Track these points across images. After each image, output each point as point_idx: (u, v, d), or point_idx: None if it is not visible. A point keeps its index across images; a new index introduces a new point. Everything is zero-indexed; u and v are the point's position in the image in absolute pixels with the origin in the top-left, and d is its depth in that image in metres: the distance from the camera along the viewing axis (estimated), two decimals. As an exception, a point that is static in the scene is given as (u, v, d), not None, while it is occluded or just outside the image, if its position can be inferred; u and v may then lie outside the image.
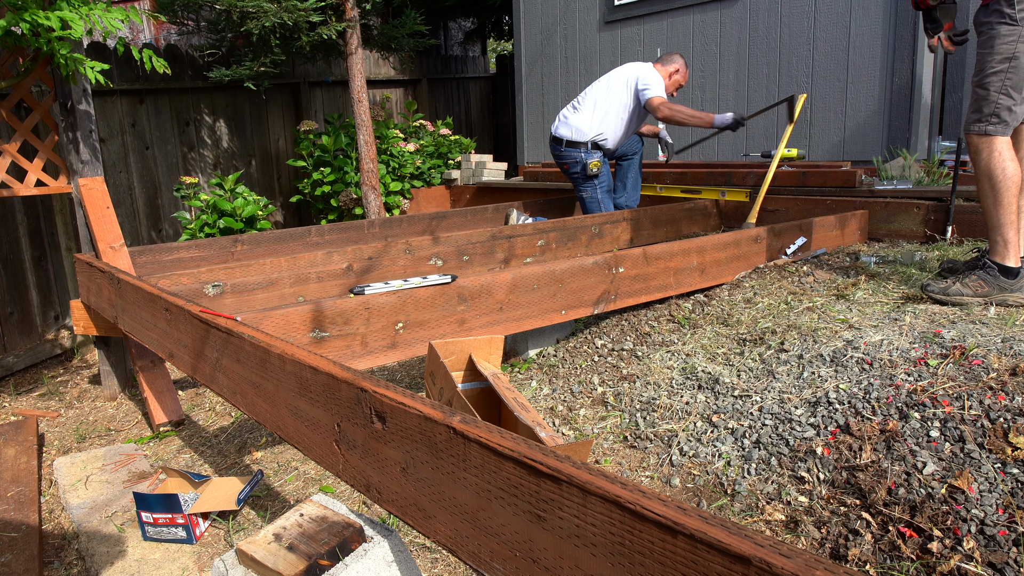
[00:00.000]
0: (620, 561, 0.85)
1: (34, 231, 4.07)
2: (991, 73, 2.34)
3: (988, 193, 2.39)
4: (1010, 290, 2.36)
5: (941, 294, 2.40)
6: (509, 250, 3.49)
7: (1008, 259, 2.38)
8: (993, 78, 2.34)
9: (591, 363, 2.58)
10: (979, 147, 2.38)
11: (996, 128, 2.35)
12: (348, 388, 1.29)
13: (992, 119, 2.36)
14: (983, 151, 2.38)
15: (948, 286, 2.40)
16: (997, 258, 2.40)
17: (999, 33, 2.31)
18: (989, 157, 2.37)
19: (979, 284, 2.37)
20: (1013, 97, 2.34)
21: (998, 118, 2.35)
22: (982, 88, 2.36)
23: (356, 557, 1.24)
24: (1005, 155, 2.36)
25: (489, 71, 9.59)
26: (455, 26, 10.53)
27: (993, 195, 2.38)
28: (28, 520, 2.16)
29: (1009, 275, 2.37)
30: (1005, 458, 1.51)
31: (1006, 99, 2.34)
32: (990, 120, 2.36)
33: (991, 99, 2.35)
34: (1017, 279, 2.37)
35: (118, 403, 3.21)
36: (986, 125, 2.36)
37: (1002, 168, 2.36)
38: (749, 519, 1.61)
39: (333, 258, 2.98)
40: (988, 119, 2.36)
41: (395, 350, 2.21)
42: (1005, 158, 2.36)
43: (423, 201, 6.27)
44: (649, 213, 4.06)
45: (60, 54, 2.80)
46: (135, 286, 2.35)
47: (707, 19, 5.31)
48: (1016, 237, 2.41)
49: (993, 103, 2.35)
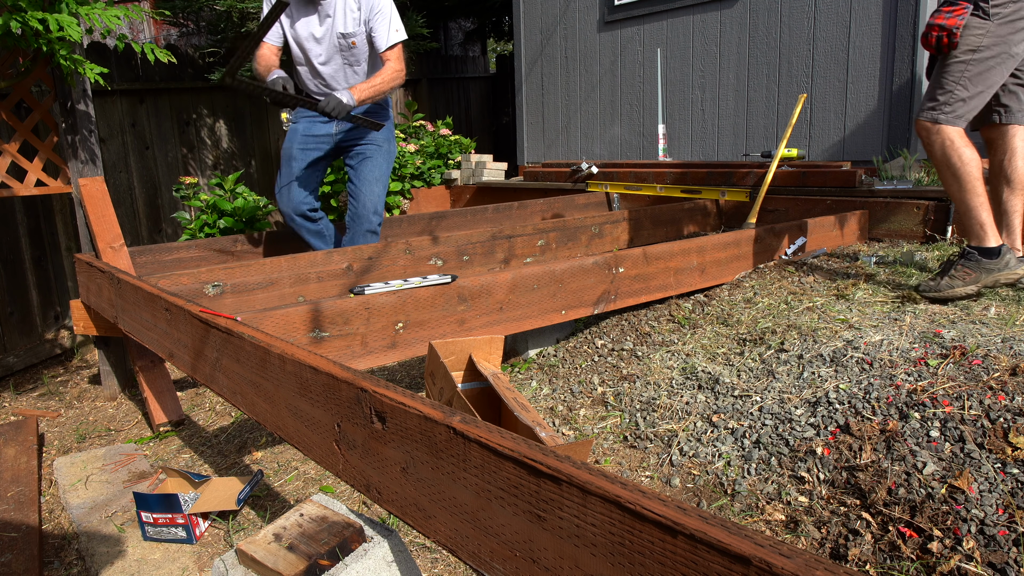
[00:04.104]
0: (620, 561, 0.85)
1: (34, 231, 4.07)
2: (953, 62, 2.35)
3: (952, 182, 2.40)
4: (996, 269, 2.35)
5: (935, 291, 2.40)
6: (509, 250, 3.49)
7: (987, 240, 2.38)
8: (954, 66, 2.35)
9: (591, 363, 2.58)
10: (931, 136, 2.39)
11: (947, 117, 2.36)
12: (348, 388, 1.29)
13: (944, 107, 2.36)
14: (935, 141, 2.39)
15: (939, 283, 2.40)
16: (975, 242, 2.40)
17: (969, 24, 2.32)
18: (943, 147, 2.38)
19: (965, 272, 2.37)
20: (968, 89, 2.35)
21: (950, 107, 2.36)
22: (942, 76, 2.37)
23: (356, 557, 1.24)
24: (958, 142, 2.37)
25: (489, 71, 9.59)
26: (455, 26, 10.53)
27: (957, 182, 2.38)
28: (28, 520, 2.16)
29: (991, 255, 2.36)
30: (1005, 458, 1.51)
31: (961, 90, 2.35)
32: (942, 108, 2.37)
33: (947, 87, 2.36)
34: (1000, 257, 2.36)
35: (118, 403, 3.21)
36: (937, 113, 2.37)
37: (959, 155, 2.36)
38: (749, 519, 1.61)
39: (333, 258, 2.98)
40: (941, 107, 2.37)
41: (395, 350, 2.21)
42: (959, 145, 2.36)
43: (423, 201, 6.27)
44: (649, 213, 4.06)
45: (60, 54, 2.80)
46: (135, 286, 2.35)
47: (707, 19, 5.31)
48: (990, 217, 2.40)
49: (949, 92, 2.36)
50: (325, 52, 3.29)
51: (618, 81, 6.02)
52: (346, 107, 3.10)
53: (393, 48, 3.28)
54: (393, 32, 3.26)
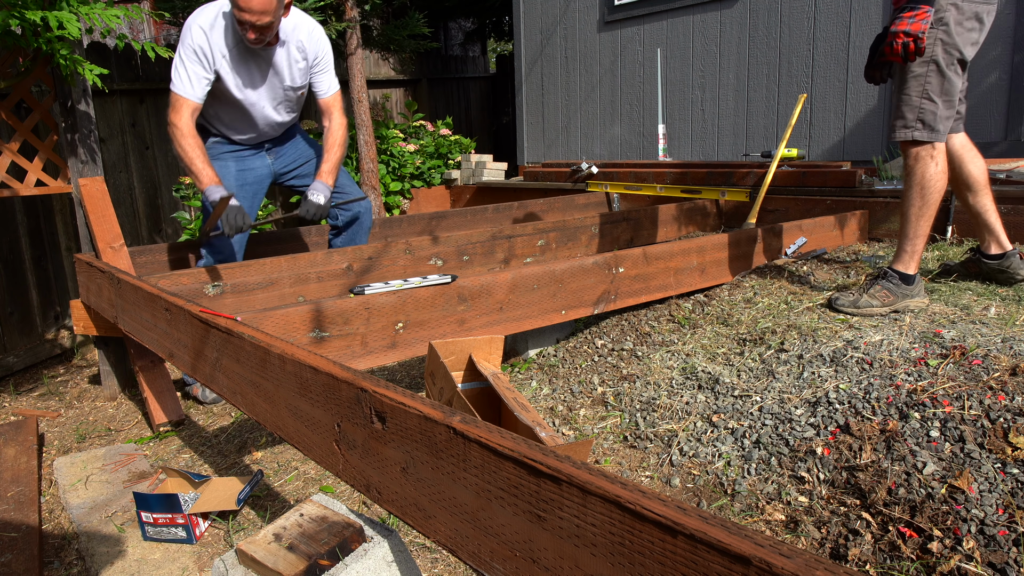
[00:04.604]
0: (620, 561, 0.85)
1: (34, 231, 4.07)
2: (911, 77, 2.33)
3: (916, 202, 2.38)
4: (910, 296, 2.41)
5: (852, 307, 2.42)
6: (509, 250, 3.49)
7: (910, 268, 2.42)
8: (913, 83, 2.33)
9: (591, 363, 2.58)
10: (911, 155, 2.37)
11: (923, 134, 2.33)
12: (348, 388, 1.29)
13: (917, 125, 2.33)
14: (918, 162, 2.36)
15: (857, 299, 2.42)
16: (900, 267, 2.42)
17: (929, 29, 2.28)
18: (924, 168, 2.35)
19: (885, 294, 2.40)
20: (935, 102, 2.31)
21: (923, 123, 2.33)
22: (904, 94, 2.35)
23: (356, 557, 1.24)
24: (938, 166, 2.34)
25: (489, 71, 9.59)
26: (455, 26, 10.54)
27: (920, 205, 2.38)
28: (28, 520, 2.16)
29: (908, 282, 2.41)
30: (1005, 458, 1.51)
31: (929, 104, 2.32)
32: (915, 127, 2.34)
33: (913, 104, 2.33)
34: (914, 284, 2.41)
35: (118, 403, 3.21)
36: (912, 131, 2.34)
37: (935, 181, 2.35)
38: (749, 519, 1.61)
39: (333, 258, 2.98)
40: (914, 125, 2.34)
41: (395, 350, 2.21)
42: (937, 170, 2.34)
43: (423, 201, 6.27)
44: (649, 213, 4.06)
45: (60, 54, 2.80)
46: (135, 286, 2.35)
47: (707, 19, 5.31)
48: (922, 248, 2.43)
49: (916, 108, 2.33)
50: (266, 103, 2.99)
51: (618, 81, 6.02)
52: (328, 203, 2.95)
53: (334, 94, 3.09)
54: (334, 79, 3.09)
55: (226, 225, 2.68)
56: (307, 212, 2.88)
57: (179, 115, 2.77)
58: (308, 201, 2.90)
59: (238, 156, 3.11)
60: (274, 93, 2.99)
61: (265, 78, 2.92)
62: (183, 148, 2.77)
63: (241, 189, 3.07)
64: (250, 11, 2.59)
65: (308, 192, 2.94)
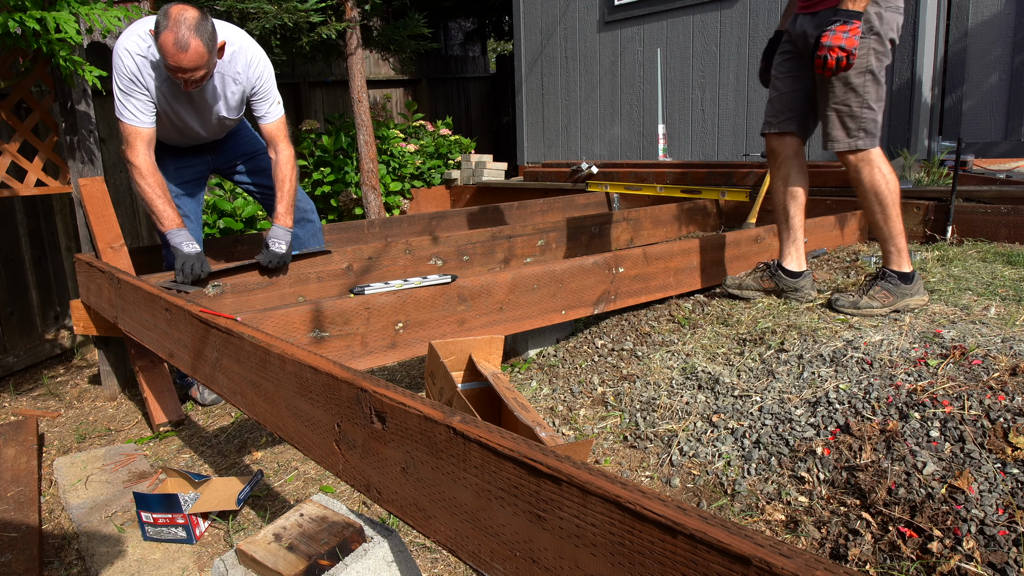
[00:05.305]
0: (620, 561, 0.85)
1: (34, 231, 4.07)
2: (849, 89, 2.36)
3: (876, 208, 2.43)
4: (910, 294, 2.42)
5: (852, 308, 2.43)
6: (509, 250, 3.49)
7: (903, 265, 2.44)
8: (852, 94, 2.36)
9: (591, 363, 2.58)
10: (857, 165, 2.41)
11: (866, 142, 2.38)
12: (348, 388, 1.29)
13: (860, 134, 2.38)
14: (863, 168, 2.40)
15: (858, 300, 2.43)
16: (894, 266, 2.45)
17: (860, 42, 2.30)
18: (871, 173, 2.40)
19: (884, 295, 2.41)
20: (874, 109, 2.36)
21: (866, 132, 2.37)
22: (843, 106, 2.37)
23: (356, 557, 1.24)
24: (884, 168, 2.40)
25: (489, 71, 9.59)
26: (455, 26, 10.54)
27: (881, 209, 2.42)
28: (28, 520, 2.16)
29: (906, 280, 2.42)
30: (1005, 458, 1.51)
31: (869, 112, 2.36)
32: (859, 136, 2.38)
33: (855, 114, 2.36)
34: (913, 282, 2.43)
35: (118, 403, 3.21)
36: (856, 141, 2.38)
37: (885, 182, 2.40)
38: (749, 519, 1.61)
39: (333, 258, 2.98)
40: (857, 135, 2.38)
41: (395, 350, 2.21)
42: (884, 171, 2.40)
43: (423, 201, 6.27)
44: (649, 213, 4.06)
45: (59, 55, 2.80)
46: (135, 286, 2.35)
47: (707, 19, 5.31)
48: (906, 243, 2.46)
49: (858, 118, 2.36)
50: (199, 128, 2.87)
51: (618, 81, 6.02)
52: (289, 251, 2.81)
53: (276, 121, 2.90)
54: (275, 106, 2.89)
55: (181, 274, 2.60)
56: (269, 261, 2.74)
57: (135, 151, 2.63)
58: (269, 251, 2.76)
59: (175, 155, 2.98)
60: (208, 119, 2.87)
61: (198, 109, 2.80)
62: (142, 188, 2.65)
63: (180, 188, 2.98)
64: (181, 69, 2.47)
65: (268, 240, 2.79)
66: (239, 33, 2.78)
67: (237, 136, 3.14)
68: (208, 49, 2.48)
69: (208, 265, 2.67)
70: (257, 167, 3.16)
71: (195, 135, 2.92)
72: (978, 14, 4.25)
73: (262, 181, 3.16)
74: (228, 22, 2.82)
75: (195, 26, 2.43)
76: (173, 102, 2.73)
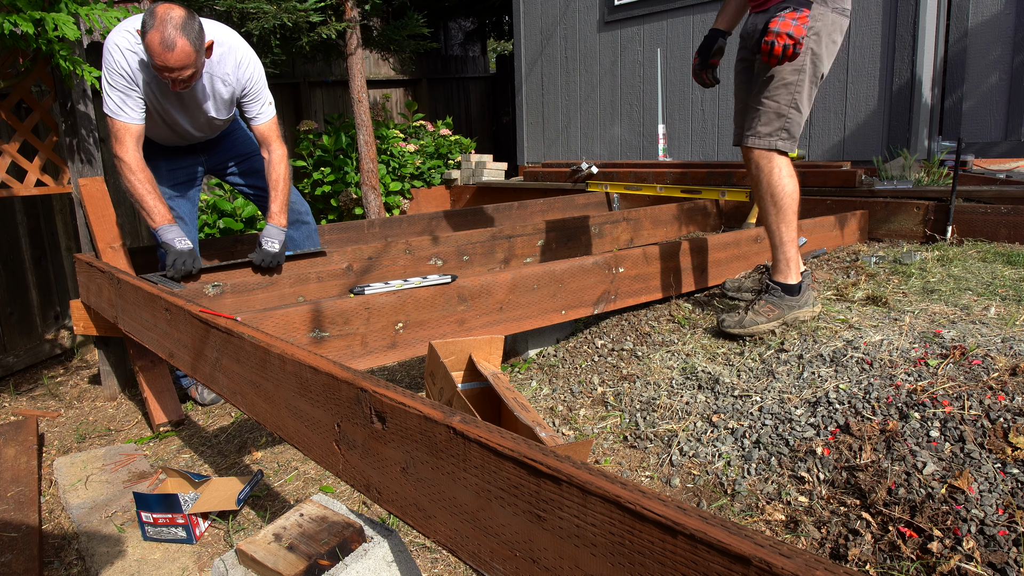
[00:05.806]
0: (620, 561, 0.85)
1: (34, 231, 4.07)
2: (781, 84, 2.26)
3: (771, 211, 2.33)
4: (798, 306, 2.34)
5: (738, 327, 2.35)
6: (509, 250, 3.49)
7: (790, 277, 2.35)
8: (783, 90, 2.26)
9: (591, 363, 2.58)
10: (761, 163, 2.31)
11: (785, 144, 2.29)
12: (348, 388, 1.29)
13: (782, 134, 2.28)
14: (765, 168, 2.31)
15: (742, 318, 2.35)
16: (780, 278, 2.36)
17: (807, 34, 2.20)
18: (771, 174, 2.30)
19: (769, 308, 2.34)
20: (801, 111, 2.28)
21: (788, 133, 2.28)
22: (772, 101, 2.27)
23: (356, 557, 1.24)
24: (785, 171, 2.31)
25: (489, 71, 9.60)
26: (455, 26, 10.54)
27: (776, 212, 2.33)
28: (28, 520, 2.16)
29: (792, 292, 2.34)
30: (1005, 458, 1.51)
31: (796, 113, 2.27)
32: (780, 135, 2.28)
33: (782, 113, 2.27)
34: (801, 294, 2.34)
35: (118, 403, 3.21)
36: (776, 140, 2.29)
37: (782, 185, 2.30)
38: (749, 519, 1.61)
39: (333, 258, 2.98)
40: (778, 134, 2.28)
41: (395, 350, 2.21)
42: (785, 175, 2.31)
43: (423, 201, 6.27)
44: (649, 213, 4.06)
45: (59, 55, 2.80)
46: (135, 286, 2.35)
47: (707, 19, 5.31)
48: (797, 253, 2.37)
49: (784, 117, 2.27)
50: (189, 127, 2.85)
51: (618, 81, 6.02)
52: (283, 250, 2.79)
53: (268, 122, 2.88)
54: (267, 106, 2.87)
55: (172, 270, 2.58)
56: (262, 260, 2.73)
57: (123, 147, 2.61)
58: (262, 250, 2.74)
59: (167, 155, 2.96)
60: (198, 119, 2.84)
61: (187, 108, 2.78)
62: (131, 184, 2.63)
63: (174, 189, 2.97)
64: (168, 68, 2.44)
65: (261, 239, 2.78)
66: (229, 33, 2.76)
67: (231, 137, 3.13)
68: (195, 48, 2.46)
69: (200, 261, 2.66)
70: (251, 168, 3.14)
71: (186, 133, 2.90)
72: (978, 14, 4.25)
73: (256, 182, 3.14)
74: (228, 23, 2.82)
75: (181, 25, 2.41)
76: (163, 100, 2.72)
